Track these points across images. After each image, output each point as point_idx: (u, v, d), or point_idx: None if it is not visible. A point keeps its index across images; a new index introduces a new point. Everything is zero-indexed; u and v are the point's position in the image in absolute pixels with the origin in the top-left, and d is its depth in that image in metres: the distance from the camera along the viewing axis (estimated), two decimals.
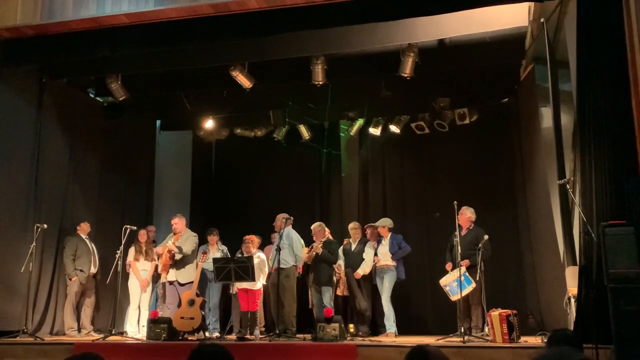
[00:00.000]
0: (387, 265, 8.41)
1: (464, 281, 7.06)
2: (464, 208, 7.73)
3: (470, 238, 7.54)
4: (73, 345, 6.78)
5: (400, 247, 8.51)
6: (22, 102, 8.33)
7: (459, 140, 9.81)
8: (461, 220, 7.62)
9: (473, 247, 7.34)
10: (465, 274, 7.14)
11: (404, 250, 8.53)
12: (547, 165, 7.46)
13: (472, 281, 7.18)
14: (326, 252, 8.19)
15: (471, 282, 7.18)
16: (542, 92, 7.79)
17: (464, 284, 7.02)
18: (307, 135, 10.86)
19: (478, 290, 7.27)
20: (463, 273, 7.08)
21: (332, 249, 8.32)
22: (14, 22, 7.07)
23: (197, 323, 7.55)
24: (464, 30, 7.21)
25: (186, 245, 8.39)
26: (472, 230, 7.69)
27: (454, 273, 7.25)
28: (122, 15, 6.90)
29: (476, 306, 7.44)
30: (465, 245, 7.38)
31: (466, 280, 7.13)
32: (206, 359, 2.39)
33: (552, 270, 7.50)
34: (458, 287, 7.04)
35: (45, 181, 8.50)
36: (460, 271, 7.05)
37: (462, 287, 6.98)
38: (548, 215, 7.45)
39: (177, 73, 8.79)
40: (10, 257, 7.73)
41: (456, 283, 7.09)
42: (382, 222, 8.78)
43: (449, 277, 7.39)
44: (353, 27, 7.32)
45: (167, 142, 11.56)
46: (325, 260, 8.20)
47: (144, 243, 8.89)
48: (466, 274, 7.16)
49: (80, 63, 8.45)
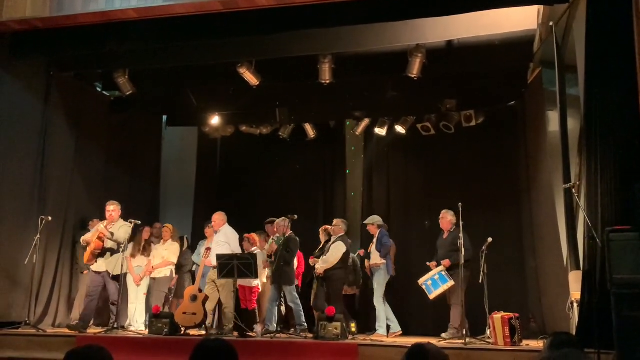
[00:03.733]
0: (376, 264, 8.27)
1: (439, 279, 7.37)
2: (444, 212, 7.94)
3: (452, 239, 7.65)
4: (75, 338, 6.80)
5: (382, 242, 8.36)
6: (30, 95, 8.37)
7: (464, 142, 9.79)
8: (443, 224, 7.91)
9: (454, 248, 7.45)
10: (442, 272, 7.42)
11: (385, 245, 8.33)
12: (553, 169, 7.45)
13: (449, 280, 7.37)
14: (281, 250, 7.87)
15: (447, 280, 7.37)
16: (550, 95, 7.78)
17: (438, 282, 7.33)
18: (312, 133, 10.86)
19: (456, 290, 7.37)
20: (439, 272, 7.41)
21: (290, 247, 8.00)
22: (24, 14, 7.09)
23: (200, 318, 7.55)
24: (472, 32, 7.21)
25: (119, 233, 7.83)
26: (452, 233, 7.79)
27: (431, 272, 7.55)
28: (130, 10, 6.91)
29: (455, 306, 7.51)
30: (447, 247, 7.69)
31: (441, 279, 7.38)
32: (210, 354, 2.39)
33: (555, 274, 7.48)
34: (432, 286, 7.39)
35: (51, 174, 8.53)
36: (435, 270, 7.44)
37: (436, 285, 7.34)
38: (552, 219, 7.44)
39: (184, 69, 8.81)
40: (14, 249, 7.75)
41: (431, 282, 7.41)
42: (370, 220, 8.65)
43: (426, 276, 7.59)
44: (361, 27, 7.32)
45: (173, 137, 11.58)
46: (281, 258, 7.81)
47: (145, 240, 8.87)
48: (443, 272, 7.42)
49: (88, 57, 8.51)
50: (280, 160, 11.27)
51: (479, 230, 7.95)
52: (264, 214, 9.21)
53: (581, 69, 6.37)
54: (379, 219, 8.65)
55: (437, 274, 7.42)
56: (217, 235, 8.25)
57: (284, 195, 10.64)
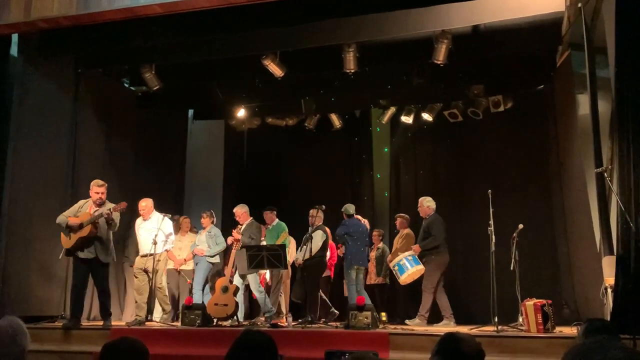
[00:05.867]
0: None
1: (406, 263, 7.81)
2: (421, 199, 8.44)
3: (425, 226, 8.18)
4: (110, 331, 6.92)
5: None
6: (59, 93, 8.51)
7: (493, 128, 9.69)
8: (420, 211, 8.39)
9: (425, 235, 8.08)
10: (414, 255, 7.88)
11: None
12: (584, 153, 7.32)
13: (419, 263, 7.79)
14: (244, 238, 8.09)
15: (417, 263, 7.79)
16: (579, 78, 7.62)
17: (405, 266, 7.75)
18: (338, 123, 10.85)
19: (429, 277, 7.82)
20: (409, 255, 7.85)
21: (253, 233, 8.17)
22: (51, 13, 7.18)
23: (231, 310, 7.64)
24: (498, 16, 7.10)
25: (115, 215, 7.31)
26: (427, 218, 8.25)
27: (400, 255, 7.91)
28: (155, 5, 6.95)
29: (426, 293, 7.87)
30: (420, 233, 8.25)
31: (409, 262, 7.80)
32: (251, 346, 2.40)
33: (587, 260, 7.37)
34: (399, 271, 7.83)
35: (82, 168, 8.67)
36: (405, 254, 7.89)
37: (402, 269, 7.76)
38: (584, 204, 7.32)
39: (209, 62, 8.84)
40: (49, 244, 7.90)
41: (397, 267, 7.85)
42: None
43: (395, 259, 7.94)
44: (386, 14, 7.25)
45: (200, 131, 11.67)
46: (245, 246, 7.98)
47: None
48: (415, 255, 7.89)
49: (115, 53, 8.61)
50: (306, 151, 11.29)
51: (509, 216, 7.89)
52: (291, 205, 9.24)
53: (611, 50, 6.22)
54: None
55: (404, 259, 7.79)
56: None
57: (311, 186, 10.66)
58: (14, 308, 7.04)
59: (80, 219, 7.16)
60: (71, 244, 7.13)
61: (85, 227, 7.09)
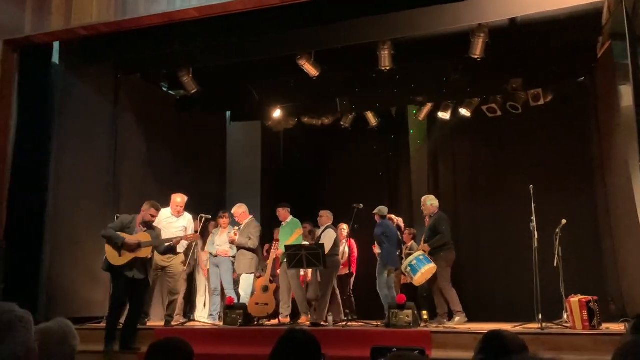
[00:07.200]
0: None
1: (419, 262, 7.50)
2: (424, 198, 8.33)
3: (432, 224, 8.00)
4: (154, 331, 7.04)
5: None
6: (99, 98, 8.71)
7: (533, 122, 9.51)
8: (424, 209, 8.26)
9: (433, 233, 7.89)
10: (419, 257, 7.60)
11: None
12: (628, 145, 7.14)
13: (431, 262, 7.53)
14: (242, 238, 8.13)
15: (429, 262, 7.52)
16: (621, 69, 7.42)
17: (417, 266, 7.47)
18: (374, 121, 10.81)
19: (442, 273, 7.63)
20: (417, 256, 7.59)
21: (251, 233, 8.18)
22: (90, 20, 7.34)
23: (272, 309, 7.71)
24: (536, 8, 6.96)
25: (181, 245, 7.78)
26: (433, 216, 8.07)
27: (410, 257, 7.71)
28: (191, 9, 7.04)
29: (446, 290, 7.67)
30: (427, 231, 8.05)
31: (425, 260, 7.53)
32: (295, 345, 2.41)
33: (634, 255, 7.19)
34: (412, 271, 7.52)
35: (123, 172, 8.86)
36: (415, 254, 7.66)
37: (415, 270, 7.48)
38: (629, 197, 7.13)
39: (245, 64, 8.92)
40: (93, 246, 8.06)
41: (409, 268, 7.55)
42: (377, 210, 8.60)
43: (406, 261, 7.71)
44: (420, 10, 7.17)
45: (237, 132, 11.77)
46: (241, 245, 8.15)
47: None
48: (425, 254, 7.64)
49: (153, 58, 8.75)
50: (343, 149, 11.28)
51: (552, 212, 7.72)
52: (329, 203, 9.24)
53: None
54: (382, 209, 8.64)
55: (415, 259, 7.56)
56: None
57: (348, 185, 10.66)
58: (60, 309, 7.21)
59: (136, 238, 6.80)
60: (122, 262, 6.71)
61: (143, 248, 6.76)
